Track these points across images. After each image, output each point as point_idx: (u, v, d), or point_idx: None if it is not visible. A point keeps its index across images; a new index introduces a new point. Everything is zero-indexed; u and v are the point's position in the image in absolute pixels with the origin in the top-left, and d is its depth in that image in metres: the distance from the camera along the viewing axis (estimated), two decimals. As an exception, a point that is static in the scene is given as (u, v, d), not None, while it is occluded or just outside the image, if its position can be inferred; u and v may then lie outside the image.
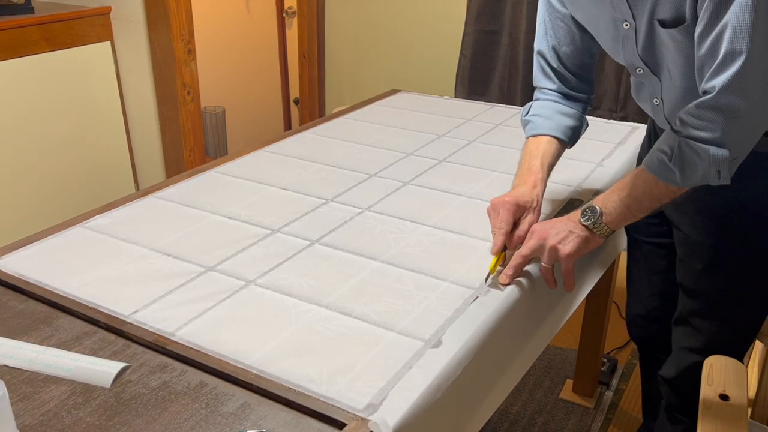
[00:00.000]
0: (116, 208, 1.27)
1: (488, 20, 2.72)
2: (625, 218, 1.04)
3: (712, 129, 0.94)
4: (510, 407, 1.90)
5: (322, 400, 0.79)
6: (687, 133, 0.96)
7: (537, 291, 1.08)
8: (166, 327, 0.92)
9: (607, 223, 1.04)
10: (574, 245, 1.03)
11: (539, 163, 1.18)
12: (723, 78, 0.91)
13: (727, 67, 0.90)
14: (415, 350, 0.88)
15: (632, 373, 2.08)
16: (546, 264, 1.06)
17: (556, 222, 1.07)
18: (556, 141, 1.22)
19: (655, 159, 1.01)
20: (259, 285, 1.02)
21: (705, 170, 0.96)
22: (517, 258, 1.05)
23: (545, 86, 1.27)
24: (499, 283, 1.04)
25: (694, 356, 1.27)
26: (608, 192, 1.06)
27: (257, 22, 3.75)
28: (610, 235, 1.05)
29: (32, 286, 1.02)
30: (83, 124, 2.54)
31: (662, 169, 1.00)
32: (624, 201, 1.03)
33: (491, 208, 1.12)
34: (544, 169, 1.18)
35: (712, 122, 0.93)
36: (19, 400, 0.81)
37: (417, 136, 1.68)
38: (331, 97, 3.36)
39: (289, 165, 1.49)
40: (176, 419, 0.78)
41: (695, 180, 0.98)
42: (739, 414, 0.92)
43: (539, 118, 1.24)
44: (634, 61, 1.13)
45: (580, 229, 1.05)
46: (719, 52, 0.91)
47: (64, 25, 2.38)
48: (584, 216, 1.05)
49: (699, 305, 1.23)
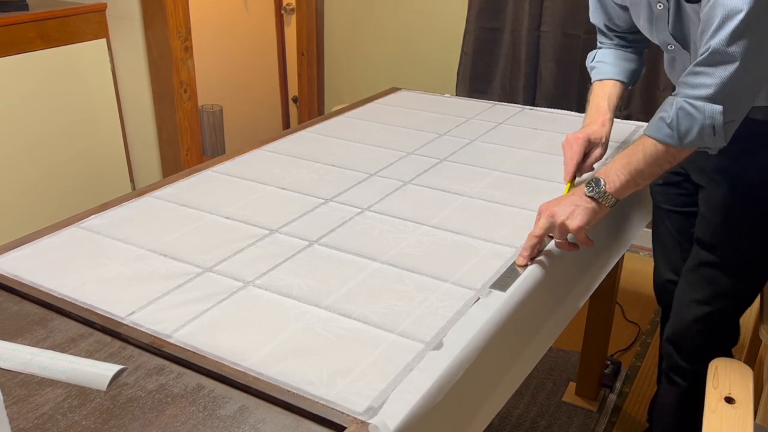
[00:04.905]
0: (112, 208, 1.26)
1: (490, 17, 2.71)
2: (629, 186, 1.11)
3: (706, 86, 1.03)
4: (512, 410, 1.89)
5: (321, 403, 0.78)
6: (684, 93, 1.05)
7: (539, 293, 1.07)
8: (163, 329, 0.91)
9: (611, 192, 1.10)
10: (582, 218, 1.09)
11: (606, 104, 1.36)
12: (719, 37, 1.00)
13: (724, 27, 0.99)
14: (416, 352, 0.87)
15: (636, 375, 2.07)
16: (559, 239, 1.12)
17: (562, 199, 1.13)
18: (620, 83, 1.39)
19: (655, 123, 1.09)
20: (257, 286, 1.01)
21: (701, 127, 1.04)
22: (530, 239, 1.09)
23: (605, 44, 1.45)
24: (516, 265, 1.08)
25: (696, 308, 1.36)
26: (611, 162, 1.13)
27: (255, 19, 3.74)
28: (615, 204, 1.12)
29: (27, 287, 1.01)
30: (79, 122, 2.53)
31: (661, 131, 1.07)
32: (626, 168, 1.10)
33: (566, 143, 1.29)
34: (611, 110, 1.35)
35: (706, 80, 1.02)
36: (13, 403, 0.80)
37: (417, 135, 1.67)
38: (331, 96, 3.35)
39: (288, 164, 1.48)
40: (173, 422, 0.77)
41: (692, 138, 1.05)
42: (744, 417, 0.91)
43: (603, 64, 1.42)
44: (666, 38, 1.25)
45: (586, 201, 1.10)
46: (717, 16, 1.00)
47: (59, 22, 2.37)
48: (588, 188, 1.11)
49: (711, 257, 1.32)
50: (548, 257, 1.11)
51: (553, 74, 2.64)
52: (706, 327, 1.38)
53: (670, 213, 1.49)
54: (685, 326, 1.40)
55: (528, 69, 2.67)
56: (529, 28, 2.62)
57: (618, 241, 1.45)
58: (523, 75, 2.69)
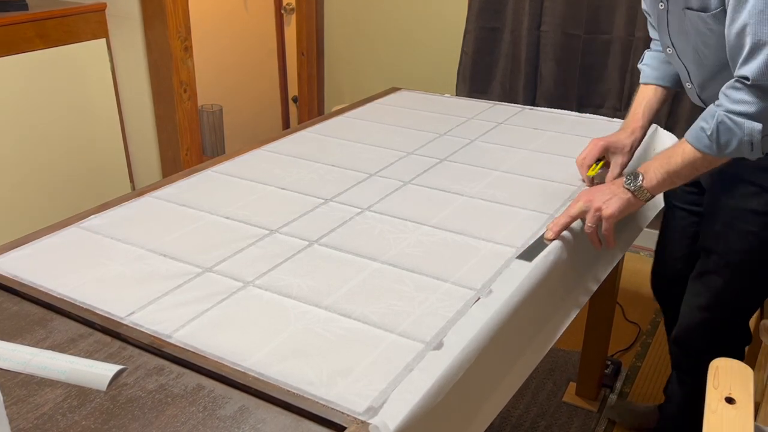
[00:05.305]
0: (112, 208, 1.26)
1: (490, 17, 2.71)
2: (665, 184, 1.18)
3: (748, 105, 1.08)
4: (512, 410, 1.89)
5: (321, 403, 0.78)
6: (726, 107, 1.10)
7: (539, 293, 1.07)
8: (162, 329, 0.91)
9: (648, 188, 1.17)
10: (616, 207, 1.16)
11: (641, 111, 1.41)
12: (753, 67, 1.06)
13: (755, 57, 1.06)
14: (416, 352, 0.87)
15: (636, 376, 2.07)
16: (590, 224, 1.18)
17: (601, 187, 1.22)
18: (662, 88, 1.42)
19: (696, 131, 1.14)
20: (257, 286, 1.01)
21: (740, 141, 1.10)
22: (564, 216, 1.17)
23: (654, 37, 1.44)
24: (545, 238, 1.15)
25: (700, 314, 1.38)
26: (651, 160, 1.20)
27: (255, 19, 3.74)
28: (650, 200, 1.19)
29: (26, 287, 1.01)
30: (78, 122, 2.52)
31: (701, 141, 1.13)
32: (664, 168, 1.17)
33: (590, 143, 1.37)
34: (645, 117, 1.40)
35: (748, 100, 1.08)
36: (13, 403, 0.80)
37: (417, 134, 1.67)
38: (331, 96, 3.35)
39: (288, 164, 1.48)
40: (173, 423, 0.77)
41: (730, 150, 1.11)
42: (745, 417, 0.91)
43: (647, 68, 1.44)
44: (665, 40, 1.31)
45: (623, 192, 1.18)
46: (745, 45, 1.06)
47: (58, 21, 2.37)
48: (627, 181, 1.18)
49: (712, 263, 1.34)
50: (548, 257, 1.11)
51: (553, 74, 2.64)
52: (712, 331, 1.39)
53: (678, 210, 1.51)
54: (690, 330, 1.41)
55: (528, 69, 2.67)
56: (529, 28, 2.62)
57: (619, 241, 1.44)
58: (523, 75, 2.69)
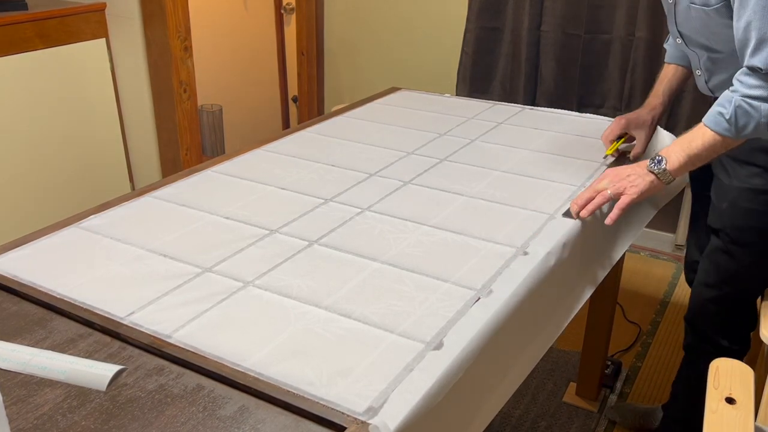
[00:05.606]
0: (111, 208, 1.26)
1: (490, 17, 2.71)
2: (686, 166, 1.24)
3: (762, 87, 1.15)
4: (512, 410, 1.89)
5: (321, 404, 0.78)
6: (742, 92, 1.17)
7: (540, 292, 1.07)
8: (162, 329, 0.91)
9: (670, 170, 1.23)
10: (640, 186, 1.23)
11: (662, 89, 1.52)
12: (762, 58, 1.13)
13: (762, 49, 1.13)
14: (416, 352, 0.87)
15: (636, 376, 2.07)
16: (611, 193, 1.23)
17: (627, 167, 1.28)
18: (681, 68, 1.51)
19: (713, 116, 1.20)
20: (257, 286, 1.01)
21: (757, 123, 1.16)
22: (590, 191, 1.24)
23: None
24: (571, 211, 1.23)
25: (707, 291, 1.45)
26: (672, 144, 1.26)
27: (255, 18, 3.74)
28: (671, 182, 1.25)
29: (26, 287, 1.01)
30: (78, 122, 2.52)
31: (720, 125, 1.19)
32: (685, 152, 1.23)
33: (614, 120, 1.50)
34: (665, 94, 1.51)
35: (764, 86, 1.15)
36: (12, 403, 0.79)
37: (417, 134, 1.67)
38: (330, 95, 3.35)
39: (288, 164, 1.47)
40: (173, 423, 0.77)
41: (748, 131, 1.18)
42: (745, 417, 0.91)
43: (670, 47, 1.52)
44: (674, 31, 1.40)
45: (646, 173, 1.24)
46: (751, 39, 1.14)
47: (58, 21, 2.37)
48: (651, 164, 1.24)
49: (719, 242, 1.41)
50: (548, 258, 1.11)
51: (553, 74, 2.64)
52: (718, 310, 1.45)
53: (701, 196, 1.57)
54: (698, 308, 1.48)
55: (528, 68, 2.67)
56: (529, 28, 2.62)
57: (619, 240, 1.44)
58: (523, 74, 2.69)
